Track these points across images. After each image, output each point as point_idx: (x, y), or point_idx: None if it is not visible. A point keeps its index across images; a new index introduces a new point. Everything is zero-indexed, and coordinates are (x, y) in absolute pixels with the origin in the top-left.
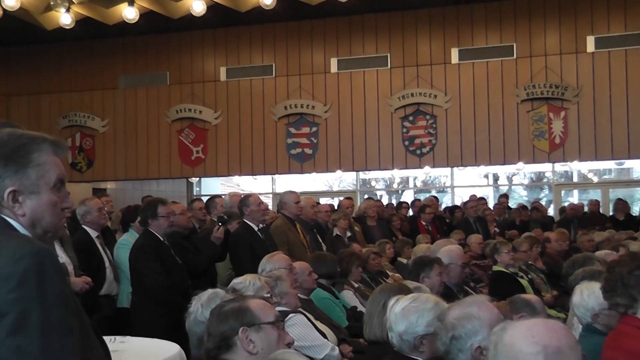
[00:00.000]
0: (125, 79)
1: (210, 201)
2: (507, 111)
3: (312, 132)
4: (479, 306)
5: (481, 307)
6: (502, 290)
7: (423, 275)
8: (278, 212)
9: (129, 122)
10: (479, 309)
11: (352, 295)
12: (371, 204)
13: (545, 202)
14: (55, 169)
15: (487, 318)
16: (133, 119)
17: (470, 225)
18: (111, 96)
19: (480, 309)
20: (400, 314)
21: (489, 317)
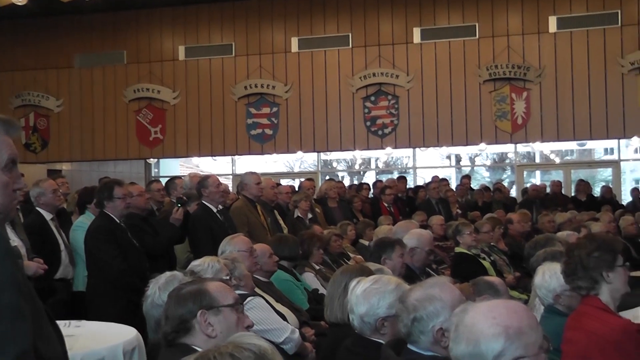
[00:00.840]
0: (81, 57)
1: (170, 182)
2: (470, 92)
3: (272, 113)
4: (441, 288)
5: (443, 289)
6: (465, 272)
7: (385, 256)
8: (238, 193)
9: (85, 102)
10: (440, 291)
11: (313, 278)
12: (332, 185)
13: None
14: (7, 149)
15: (448, 299)
16: (89, 99)
17: (433, 206)
18: (66, 75)
19: (442, 291)
20: (361, 296)
21: (450, 299)
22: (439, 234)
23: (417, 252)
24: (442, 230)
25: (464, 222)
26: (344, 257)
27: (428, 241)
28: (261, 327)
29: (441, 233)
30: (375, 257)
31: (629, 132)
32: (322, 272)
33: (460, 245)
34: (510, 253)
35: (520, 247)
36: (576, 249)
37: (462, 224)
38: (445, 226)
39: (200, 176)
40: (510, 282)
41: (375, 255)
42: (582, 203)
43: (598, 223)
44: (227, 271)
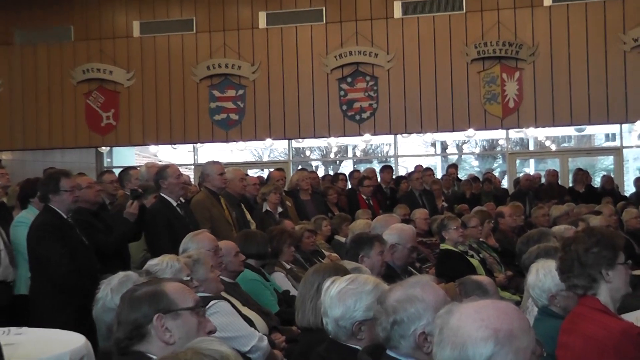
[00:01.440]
0: (21, 33)
1: (124, 173)
2: (456, 72)
3: (238, 96)
4: (423, 287)
5: (425, 289)
6: (451, 270)
7: (362, 254)
8: (200, 185)
9: (28, 84)
10: (422, 291)
11: (284, 278)
12: (305, 176)
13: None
14: None
15: (432, 300)
16: (32, 80)
17: (415, 198)
18: (6, 53)
19: (425, 291)
20: (336, 298)
21: (434, 300)
22: (422, 229)
23: (399, 249)
24: (426, 225)
25: (450, 216)
26: (318, 255)
27: (410, 237)
28: (225, 334)
29: (425, 228)
30: (352, 254)
31: (631, 116)
32: (293, 271)
33: (445, 242)
34: (501, 250)
35: (512, 243)
36: (573, 244)
37: (447, 218)
38: (430, 220)
39: (158, 166)
40: (501, 282)
41: (352, 252)
42: (580, 195)
43: (598, 217)
44: (187, 271)
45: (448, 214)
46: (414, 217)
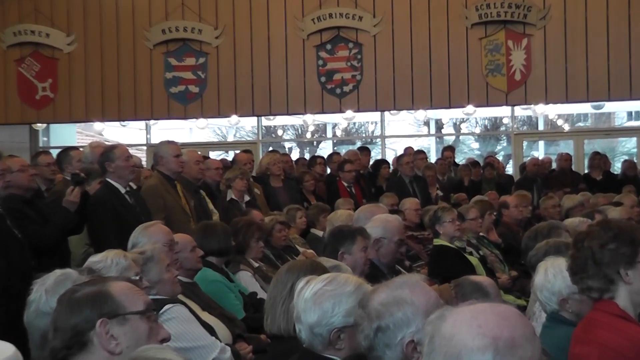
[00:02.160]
0: None
1: (63, 154)
2: (454, 38)
3: (198, 65)
4: (412, 288)
5: (415, 290)
6: (445, 270)
7: (343, 250)
8: (153, 168)
9: None
10: (412, 292)
11: (251, 278)
12: (276, 159)
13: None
14: None
15: (422, 304)
16: None
17: (405, 186)
18: None
19: (414, 292)
20: (311, 301)
21: (424, 303)
22: (413, 222)
23: (384, 244)
24: (417, 217)
25: (445, 207)
26: (291, 252)
27: (397, 229)
28: (182, 344)
29: (416, 220)
30: (331, 251)
31: None
32: (262, 270)
33: (440, 237)
34: (504, 246)
35: (516, 238)
36: (587, 240)
37: (442, 209)
38: (422, 212)
39: (104, 146)
40: (504, 284)
41: (331, 248)
42: (597, 182)
43: (617, 208)
44: (137, 269)
45: (443, 204)
46: (403, 208)
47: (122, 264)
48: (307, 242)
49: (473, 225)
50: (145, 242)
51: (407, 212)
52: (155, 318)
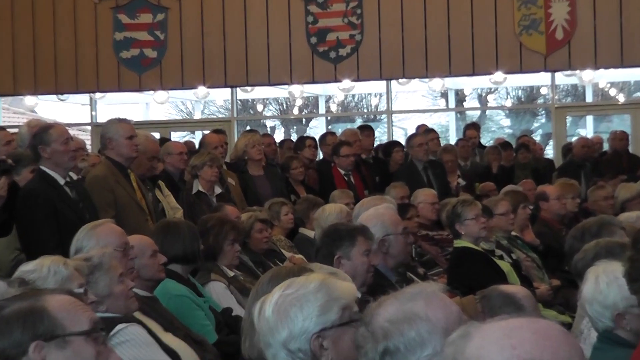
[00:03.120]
0: None
1: None
2: None
3: (156, 23)
4: (428, 301)
5: (431, 303)
6: (469, 278)
7: (340, 255)
8: (100, 154)
9: None
10: (427, 306)
11: (225, 290)
12: (256, 141)
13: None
14: None
15: (440, 320)
16: None
17: (418, 174)
18: None
19: (430, 306)
20: (274, 316)
21: (443, 319)
22: (428, 219)
23: (392, 242)
24: (433, 213)
25: (468, 200)
26: (275, 257)
27: (392, 219)
28: None
29: (432, 217)
30: (325, 255)
31: None
32: (238, 280)
33: (462, 237)
34: (544, 248)
35: (559, 238)
36: None
37: (464, 203)
38: (439, 206)
39: (39, 125)
40: (543, 295)
41: (325, 252)
42: None
43: None
44: (81, 280)
45: (465, 197)
46: (415, 201)
47: (62, 274)
48: (294, 244)
49: (503, 223)
50: (92, 246)
51: (421, 206)
52: (105, 340)
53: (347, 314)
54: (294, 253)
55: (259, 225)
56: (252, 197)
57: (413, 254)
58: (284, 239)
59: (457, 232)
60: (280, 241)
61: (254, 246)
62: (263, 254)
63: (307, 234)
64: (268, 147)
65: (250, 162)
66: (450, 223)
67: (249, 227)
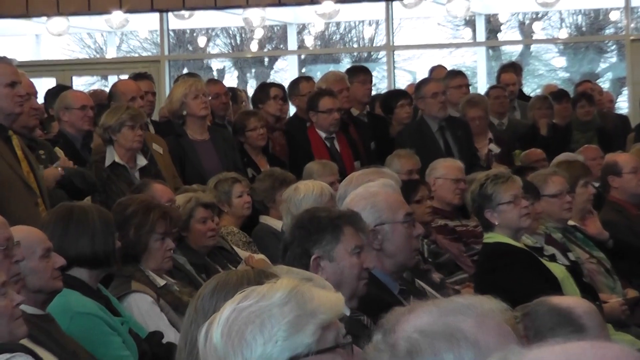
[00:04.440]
0: None
1: None
2: None
3: None
4: (481, 321)
5: (484, 325)
6: (505, 287)
7: (318, 254)
8: None
9: None
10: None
11: (152, 306)
12: (198, 91)
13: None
14: None
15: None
16: None
17: (432, 138)
18: None
19: (483, 328)
20: (223, 341)
21: (495, 349)
22: (448, 202)
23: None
24: (456, 195)
25: (504, 176)
26: (225, 258)
27: (395, 201)
28: None
29: (453, 200)
30: (297, 254)
31: None
32: (171, 292)
33: (495, 230)
34: (614, 244)
35: (636, 230)
36: None
37: (498, 180)
38: (464, 184)
39: None
40: (614, 311)
41: (297, 250)
42: None
43: None
44: None
45: (500, 170)
46: (430, 176)
47: None
48: (253, 239)
49: (556, 207)
50: None
51: (439, 184)
52: None
53: (331, 336)
54: (251, 252)
55: (201, 212)
56: (192, 171)
57: (425, 253)
58: (237, 232)
59: (488, 222)
60: (232, 235)
61: (195, 242)
62: (207, 254)
63: (271, 224)
64: (216, 98)
65: (190, 120)
66: (478, 209)
67: (186, 214)
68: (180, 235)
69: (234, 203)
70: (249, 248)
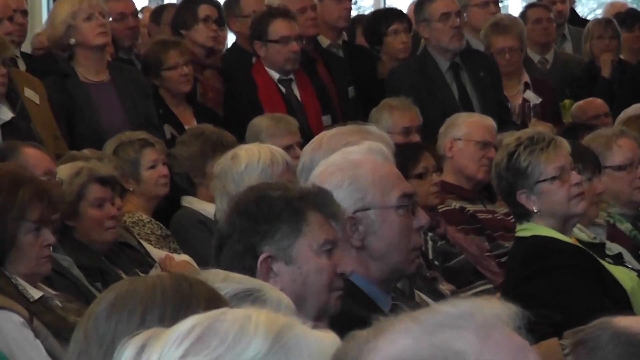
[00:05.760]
0: None
1: None
2: None
3: None
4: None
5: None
6: (548, 301)
7: (269, 253)
8: None
9: None
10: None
11: (22, 330)
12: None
13: None
14: None
15: None
16: None
17: (441, 80)
18: None
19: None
20: None
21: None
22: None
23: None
24: (480, 167)
25: (545, 138)
26: (130, 259)
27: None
28: None
29: (477, 175)
30: (238, 252)
31: None
32: (51, 309)
33: (532, 219)
34: None
35: None
36: None
37: (537, 144)
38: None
39: None
40: None
41: (238, 246)
42: None
43: None
44: None
45: (540, 128)
46: (446, 136)
47: None
48: (172, 231)
49: (624, 185)
50: None
51: (458, 149)
52: None
53: None
54: (169, 250)
55: (96, 191)
56: (83, 129)
57: (430, 253)
58: (148, 221)
59: (524, 207)
60: (140, 225)
61: (86, 236)
62: (105, 253)
63: (198, 209)
64: (119, 22)
65: (81, 53)
66: (507, 189)
67: (74, 194)
68: (65, 225)
69: (144, 177)
70: (166, 245)
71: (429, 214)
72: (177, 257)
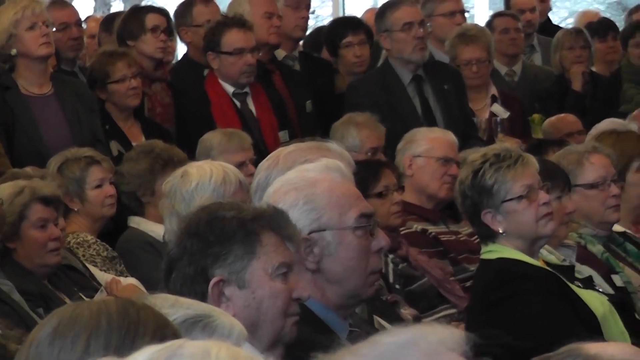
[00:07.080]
0: None
1: None
2: None
3: None
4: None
5: None
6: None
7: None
8: None
9: None
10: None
11: None
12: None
13: None
14: None
15: None
16: None
17: (403, 94)
18: None
19: None
20: None
21: None
22: (431, 196)
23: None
24: (443, 186)
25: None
26: (74, 282)
27: (338, 197)
28: None
29: (440, 193)
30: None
31: None
32: None
33: (498, 240)
34: None
35: None
36: None
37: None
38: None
39: None
40: None
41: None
42: None
43: None
44: None
45: (507, 144)
46: (405, 153)
47: None
48: (119, 253)
49: (596, 204)
50: None
51: (418, 166)
52: None
53: None
54: (116, 273)
55: (38, 212)
56: (25, 145)
57: (390, 276)
58: (94, 242)
59: (489, 228)
60: (85, 246)
61: (28, 259)
62: (47, 277)
63: (146, 230)
64: (62, 32)
65: (23, 64)
66: (472, 209)
67: (15, 215)
68: (5, 247)
69: (89, 197)
70: (112, 267)
71: (390, 235)
72: (123, 280)
